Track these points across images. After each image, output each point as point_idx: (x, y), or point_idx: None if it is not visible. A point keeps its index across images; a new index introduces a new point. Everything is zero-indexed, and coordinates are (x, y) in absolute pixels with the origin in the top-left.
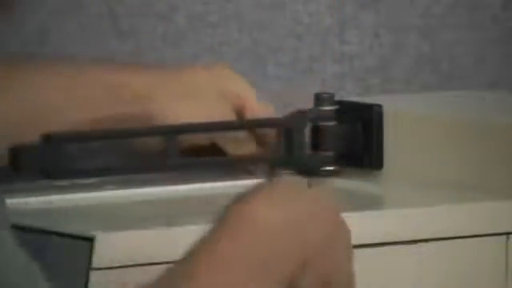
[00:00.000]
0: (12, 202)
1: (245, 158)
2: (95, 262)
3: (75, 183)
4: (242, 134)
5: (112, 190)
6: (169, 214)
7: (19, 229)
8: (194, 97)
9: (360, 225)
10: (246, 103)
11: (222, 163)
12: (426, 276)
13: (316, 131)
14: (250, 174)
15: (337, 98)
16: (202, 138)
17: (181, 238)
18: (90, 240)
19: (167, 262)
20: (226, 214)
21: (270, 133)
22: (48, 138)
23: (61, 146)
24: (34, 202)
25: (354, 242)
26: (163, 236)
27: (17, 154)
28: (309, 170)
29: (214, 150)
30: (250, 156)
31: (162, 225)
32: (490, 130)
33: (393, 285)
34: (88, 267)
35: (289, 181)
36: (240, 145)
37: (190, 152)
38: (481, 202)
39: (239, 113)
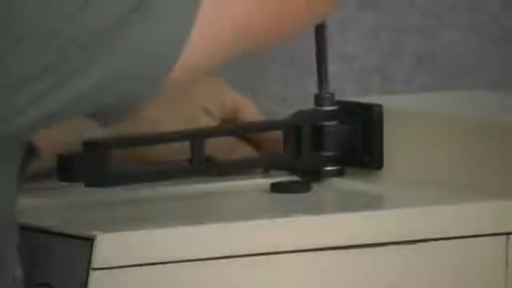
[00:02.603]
0: None
1: (247, 159)
2: (95, 262)
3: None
4: (233, 142)
5: (112, 189)
6: (169, 215)
7: (19, 229)
8: (182, 110)
9: (360, 225)
10: (238, 107)
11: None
12: (426, 276)
13: (316, 131)
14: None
15: (337, 98)
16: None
17: (181, 239)
18: (90, 240)
19: (167, 263)
20: None
21: (271, 135)
22: (89, 146)
23: (103, 154)
24: (34, 202)
25: (354, 241)
26: (163, 236)
27: (63, 162)
28: (309, 170)
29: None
30: (252, 156)
31: (162, 225)
32: (490, 129)
33: (393, 285)
34: (88, 267)
35: None
36: (233, 150)
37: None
38: (481, 201)
39: (233, 120)
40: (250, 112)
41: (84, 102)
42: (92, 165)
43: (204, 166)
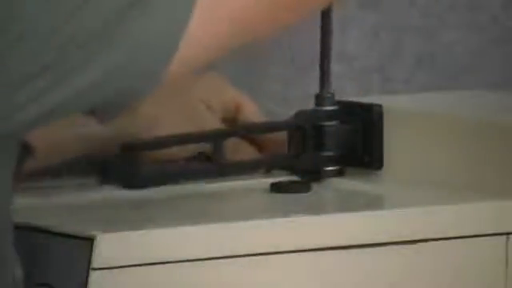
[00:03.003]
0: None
1: (247, 159)
2: (95, 262)
3: (75, 183)
4: (236, 142)
5: (112, 190)
6: (169, 215)
7: (19, 228)
8: (183, 106)
9: (360, 225)
10: (240, 104)
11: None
12: (426, 276)
13: (316, 131)
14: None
15: (337, 97)
16: (191, 149)
17: (181, 239)
18: (90, 240)
19: (167, 263)
20: None
21: (273, 135)
22: (126, 148)
23: (138, 155)
24: (34, 202)
25: (354, 241)
26: (163, 236)
27: (98, 165)
28: (309, 170)
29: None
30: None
31: (162, 225)
32: (490, 129)
33: (393, 285)
34: (88, 267)
35: None
36: (238, 150)
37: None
38: (481, 201)
39: (234, 117)
40: (251, 111)
41: (83, 99)
42: (128, 166)
43: (230, 167)
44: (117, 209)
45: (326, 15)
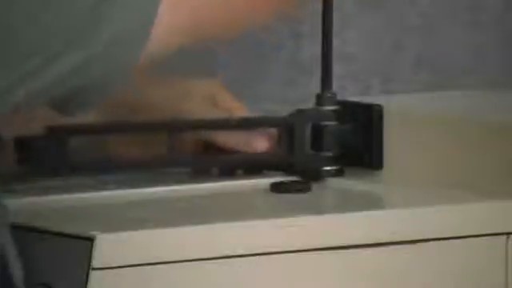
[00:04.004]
0: (12, 202)
1: (246, 157)
2: (95, 262)
3: (75, 183)
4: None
5: (112, 190)
6: (168, 215)
7: (19, 229)
8: (186, 100)
9: (360, 225)
10: (231, 106)
11: (223, 161)
12: (426, 276)
13: (316, 131)
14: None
15: (337, 97)
16: (198, 135)
17: (181, 239)
18: (90, 240)
19: (167, 263)
20: None
21: (271, 132)
22: (52, 131)
23: (65, 140)
24: (34, 202)
25: (354, 241)
26: (163, 236)
27: (21, 145)
28: (309, 170)
29: (211, 148)
30: (251, 155)
31: (162, 225)
32: (490, 130)
33: (393, 285)
34: (88, 267)
35: None
36: (241, 142)
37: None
38: (481, 202)
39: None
40: (235, 106)
41: (64, 83)
42: (51, 151)
43: (180, 159)
44: (117, 209)
45: (326, 15)
